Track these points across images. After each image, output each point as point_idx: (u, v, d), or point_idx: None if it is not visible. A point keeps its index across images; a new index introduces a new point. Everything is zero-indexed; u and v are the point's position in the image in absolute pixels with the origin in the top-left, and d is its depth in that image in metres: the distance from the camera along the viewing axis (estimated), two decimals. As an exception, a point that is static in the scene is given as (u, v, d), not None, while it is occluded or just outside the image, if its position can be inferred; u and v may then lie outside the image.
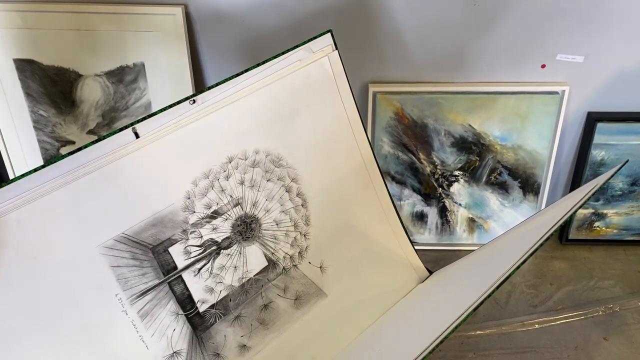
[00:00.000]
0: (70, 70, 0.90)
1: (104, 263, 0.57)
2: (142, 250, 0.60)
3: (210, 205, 0.64)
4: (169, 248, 0.62)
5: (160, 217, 0.61)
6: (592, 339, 0.84)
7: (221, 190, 0.65)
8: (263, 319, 0.67)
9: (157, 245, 0.61)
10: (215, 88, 0.62)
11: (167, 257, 0.61)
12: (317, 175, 0.71)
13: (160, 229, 0.61)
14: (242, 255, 0.66)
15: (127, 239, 0.59)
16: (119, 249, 0.58)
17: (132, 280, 0.59)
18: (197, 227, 0.63)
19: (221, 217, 0.65)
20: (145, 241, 0.60)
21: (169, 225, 0.61)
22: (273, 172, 0.68)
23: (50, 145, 0.96)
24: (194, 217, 0.63)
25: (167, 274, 0.61)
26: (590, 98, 0.93)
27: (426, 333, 0.53)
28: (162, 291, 0.61)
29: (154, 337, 0.60)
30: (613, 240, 1.02)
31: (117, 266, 0.58)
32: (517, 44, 0.88)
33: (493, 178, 0.97)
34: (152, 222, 0.60)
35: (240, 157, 0.66)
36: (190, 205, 0.63)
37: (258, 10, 0.86)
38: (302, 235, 0.70)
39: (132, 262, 0.59)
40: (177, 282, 0.62)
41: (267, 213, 0.68)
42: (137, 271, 0.59)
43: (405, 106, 0.92)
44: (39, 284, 0.54)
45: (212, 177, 0.64)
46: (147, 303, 0.60)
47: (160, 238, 0.61)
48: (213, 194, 0.64)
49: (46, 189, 0.54)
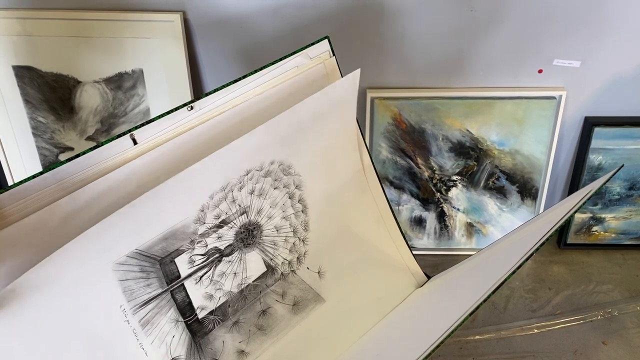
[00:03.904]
0: (69, 77, 0.90)
1: (114, 278, 0.56)
2: (150, 262, 0.59)
3: (220, 215, 0.63)
4: (175, 258, 0.61)
5: (173, 231, 0.60)
6: (591, 343, 0.84)
7: (232, 201, 0.64)
8: (261, 324, 0.67)
9: (165, 257, 0.60)
10: (213, 94, 0.62)
11: (172, 267, 0.61)
12: (318, 181, 0.71)
13: (171, 242, 0.60)
14: (242, 262, 0.66)
15: (139, 254, 0.58)
16: (130, 264, 0.57)
17: (137, 292, 0.58)
18: (204, 237, 0.62)
19: (227, 226, 0.64)
20: (155, 254, 0.59)
21: (180, 238, 0.60)
22: (281, 180, 0.67)
23: (49, 151, 0.96)
24: (203, 227, 0.62)
25: (170, 283, 0.61)
26: (587, 103, 0.93)
27: (424, 338, 0.53)
28: (164, 299, 0.60)
29: (154, 344, 0.59)
30: (611, 245, 1.02)
31: (125, 280, 0.57)
32: (514, 49, 0.88)
33: (491, 183, 0.98)
34: (166, 236, 0.59)
35: (257, 169, 0.65)
36: (202, 217, 0.62)
37: (256, 16, 0.87)
38: (300, 240, 0.70)
39: (140, 274, 0.58)
40: (179, 290, 0.62)
41: (269, 219, 0.68)
42: (143, 282, 0.59)
43: (403, 111, 0.92)
44: (47, 297, 0.53)
45: (227, 190, 0.63)
46: (149, 312, 0.59)
47: (169, 250, 0.60)
48: (225, 205, 0.63)
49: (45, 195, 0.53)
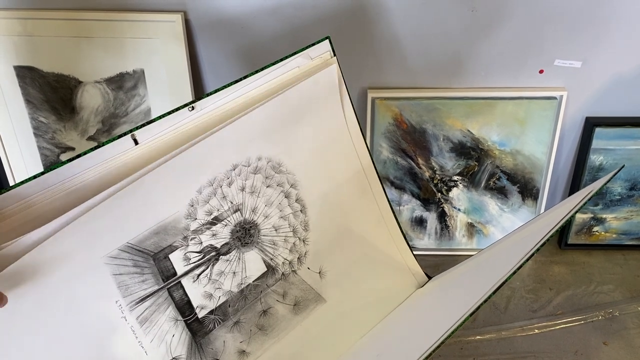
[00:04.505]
0: (70, 77, 0.91)
1: (107, 272, 0.57)
2: (143, 257, 0.60)
3: (211, 212, 0.64)
4: (170, 255, 0.62)
5: (164, 225, 0.61)
6: (592, 343, 0.84)
7: (223, 197, 0.65)
8: (262, 324, 0.67)
9: (158, 253, 0.61)
10: (214, 95, 0.63)
11: (167, 264, 0.61)
12: (315, 181, 0.71)
13: (162, 237, 0.61)
14: (240, 261, 0.66)
15: (130, 248, 0.59)
16: (122, 258, 0.58)
17: (132, 287, 0.59)
18: (197, 233, 0.63)
19: (221, 224, 0.65)
20: (147, 249, 0.60)
21: (171, 233, 0.61)
22: (273, 178, 0.68)
23: (51, 151, 0.96)
24: (195, 223, 0.63)
25: (166, 280, 0.61)
26: (588, 103, 0.93)
27: (425, 338, 0.53)
28: (161, 297, 0.61)
29: (153, 343, 0.60)
30: (612, 245, 1.02)
31: (119, 274, 0.58)
32: (515, 49, 0.88)
33: (492, 183, 0.98)
34: (156, 230, 0.60)
35: (244, 164, 0.66)
36: (193, 213, 0.63)
37: (257, 17, 0.87)
38: (301, 240, 0.70)
39: (134, 269, 0.59)
40: (177, 288, 0.62)
41: (266, 219, 0.68)
42: (138, 278, 0.59)
43: (403, 112, 0.92)
44: (42, 291, 0.54)
45: (215, 185, 0.64)
46: (146, 309, 0.60)
47: (162, 245, 0.61)
48: (215, 200, 0.64)
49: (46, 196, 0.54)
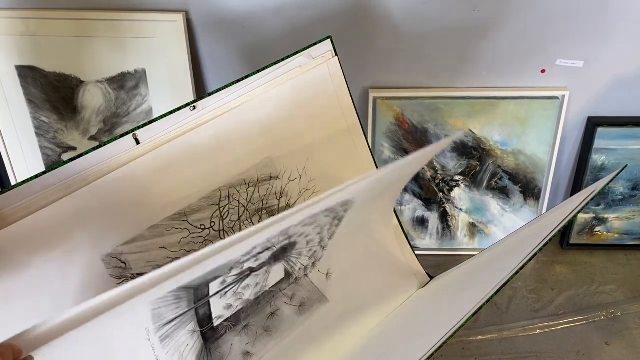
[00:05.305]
0: (72, 76, 0.91)
1: (148, 309, 0.51)
2: (186, 291, 0.54)
3: (267, 246, 0.57)
4: (210, 283, 0.56)
5: (219, 267, 0.52)
6: (594, 343, 0.84)
7: (285, 233, 0.57)
8: (268, 326, 0.66)
9: (201, 284, 0.55)
10: (216, 94, 0.62)
11: (204, 290, 0.56)
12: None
13: (212, 274, 0.53)
14: (267, 274, 0.63)
15: (180, 288, 0.51)
16: (166, 297, 0.52)
17: (165, 315, 0.54)
18: (244, 263, 0.58)
19: (268, 251, 0.59)
20: (193, 285, 0.53)
21: (222, 271, 0.55)
22: (334, 210, 0.60)
23: (52, 151, 0.96)
24: (247, 256, 0.56)
25: (197, 302, 0.57)
26: (590, 103, 0.93)
27: (427, 338, 0.53)
28: (188, 315, 0.57)
29: (168, 355, 0.57)
30: (614, 245, 1.02)
31: (158, 308, 0.52)
32: (517, 49, 0.88)
33: (494, 183, 0.97)
34: (208, 273, 0.51)
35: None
36: (252, 251, 0.55)
37: (258, 16, 0.87)
38: (321, 247, 0.67)
39: (173, 300, 0.53)
40: (203, 305, 0.58)
41: (304, 237, 0.63)
42: (174, 307, 0.54)
43: (405, 111, 0.92)
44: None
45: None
46: (170, 328, 0.56)
47: (208, 279, 0.54)
48: (276, 239, 0.57)
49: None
